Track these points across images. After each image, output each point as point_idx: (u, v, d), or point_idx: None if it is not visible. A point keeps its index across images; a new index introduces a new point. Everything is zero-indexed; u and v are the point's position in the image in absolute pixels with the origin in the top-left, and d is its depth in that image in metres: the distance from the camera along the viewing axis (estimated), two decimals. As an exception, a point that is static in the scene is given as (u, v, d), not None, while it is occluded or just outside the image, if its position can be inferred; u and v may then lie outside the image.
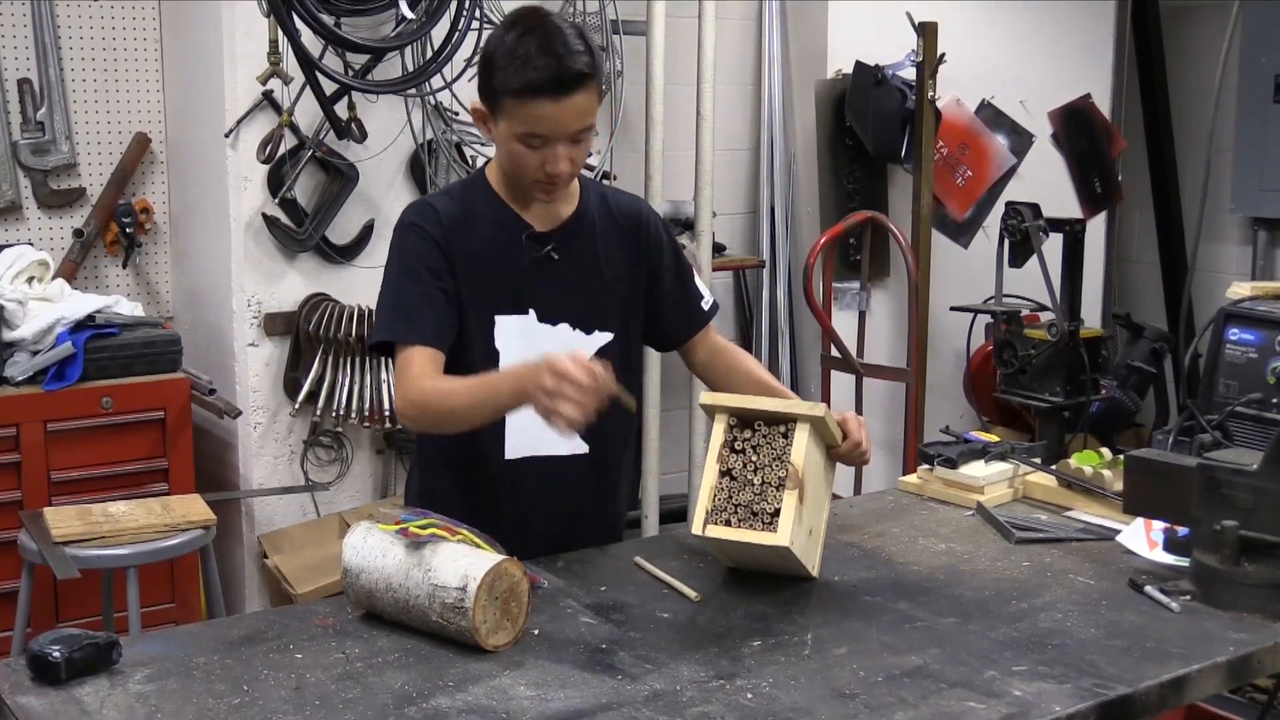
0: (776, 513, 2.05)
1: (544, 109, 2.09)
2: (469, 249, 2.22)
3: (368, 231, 4.09)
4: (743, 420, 2.13)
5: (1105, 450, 2.71)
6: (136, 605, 3.24)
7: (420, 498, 2.34)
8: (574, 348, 2.27)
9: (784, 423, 2.11)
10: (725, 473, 2.10)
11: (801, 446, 2.07)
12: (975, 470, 2.62)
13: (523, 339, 2.25)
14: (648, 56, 4.21)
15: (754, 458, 2.10)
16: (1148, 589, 2.12)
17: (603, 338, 2.31)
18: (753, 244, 5.04)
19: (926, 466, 2.69)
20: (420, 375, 2.17)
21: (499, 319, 2.24)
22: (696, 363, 2.48)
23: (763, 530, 2.05)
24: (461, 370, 2.24)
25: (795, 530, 2.04)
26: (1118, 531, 2.41)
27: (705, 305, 2.45)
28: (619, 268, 2.33)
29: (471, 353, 2.24)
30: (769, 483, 2.07)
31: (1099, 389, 4.26)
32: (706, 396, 2.17)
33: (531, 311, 2.26)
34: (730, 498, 2.09)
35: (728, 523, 2.08)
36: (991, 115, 5.05)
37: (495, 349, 2.25)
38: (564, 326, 2.28)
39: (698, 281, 2.46)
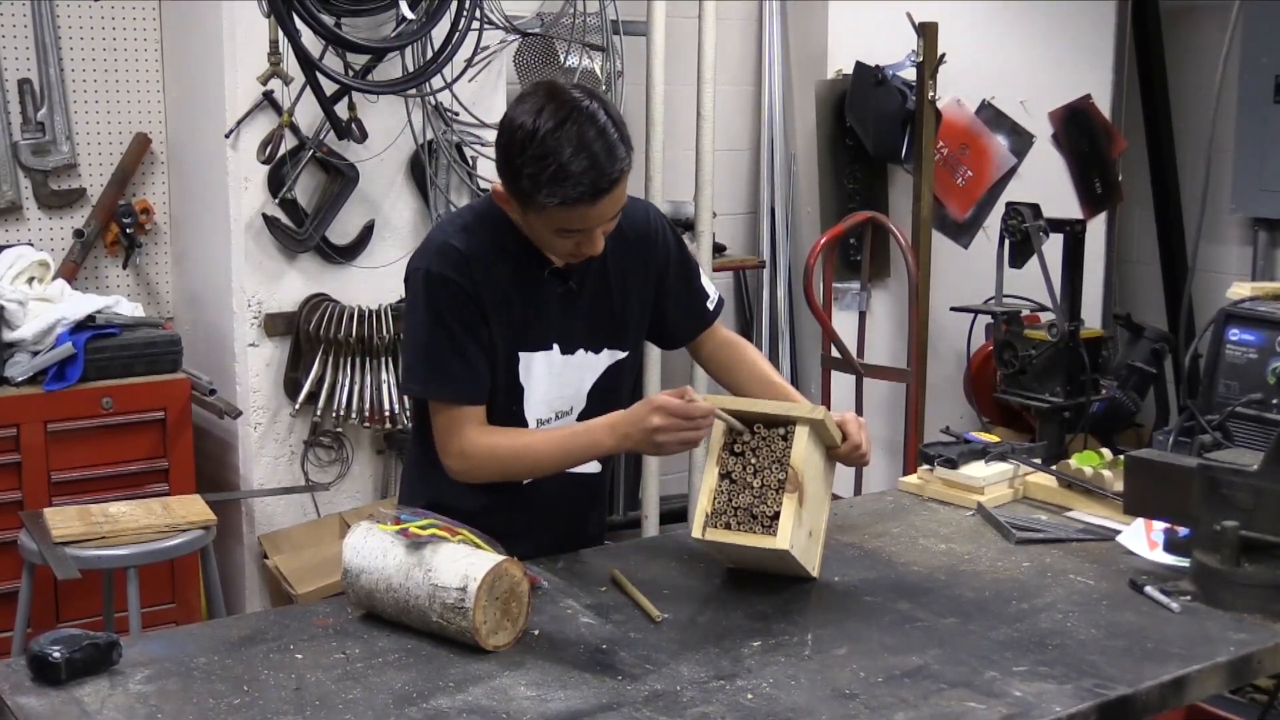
0: (776, 516, 2.05)
1: (583, 212, 2.03)
2: (494, 287, 2.18)
3: (368, 232, 4.09)
4: (742, 422, 2.12)
5: (1105, 451, 2.71)
6: (137, 605, 3.24)
7: (421, 499, 2.32)
8: (585, 370, 2.28)
9: (783, 425, 2.10)
10: (725, 475, 2.10)
11: (801, 449, 2.07)
12: (975, 471, 2.62)
13: (546, 373, 2.25)
14: (648, 56, 4.21)
15: (753, 460, 2.09)
16: (1148, 589, 2.12)
17: (613, 356, 2.31)
18: (753, 244, 5.04)
19: (927, 467, 2.69)
20: (475, 433, 2.18)
21: (524, 355, 2.22)
22: (701, 356, 2.48)
23: (762, 534, 2.05)
24: (488, 406, 2.22)
25: (795, 533, 2.04)
26: (1118, 532, 2.41)
27: (710, 304, 2.44)
28: (631, 285, 2.31)
29: (497, 388, 2.22)
30: (768, 485, 2.07)
31: (1099, 389, 4.27)
32: (708, 400, 2.16)
33: (555, 346, 2.25)
34: (730, 501, 2.09)
35: (727, 526, 2.08)
36: (992, 115, 5.05)
37: (520, 385, 2.23)
38: (579, 352, 2.28)
39: (703, 280, 2.46)
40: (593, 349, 2.29)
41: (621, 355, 2.32)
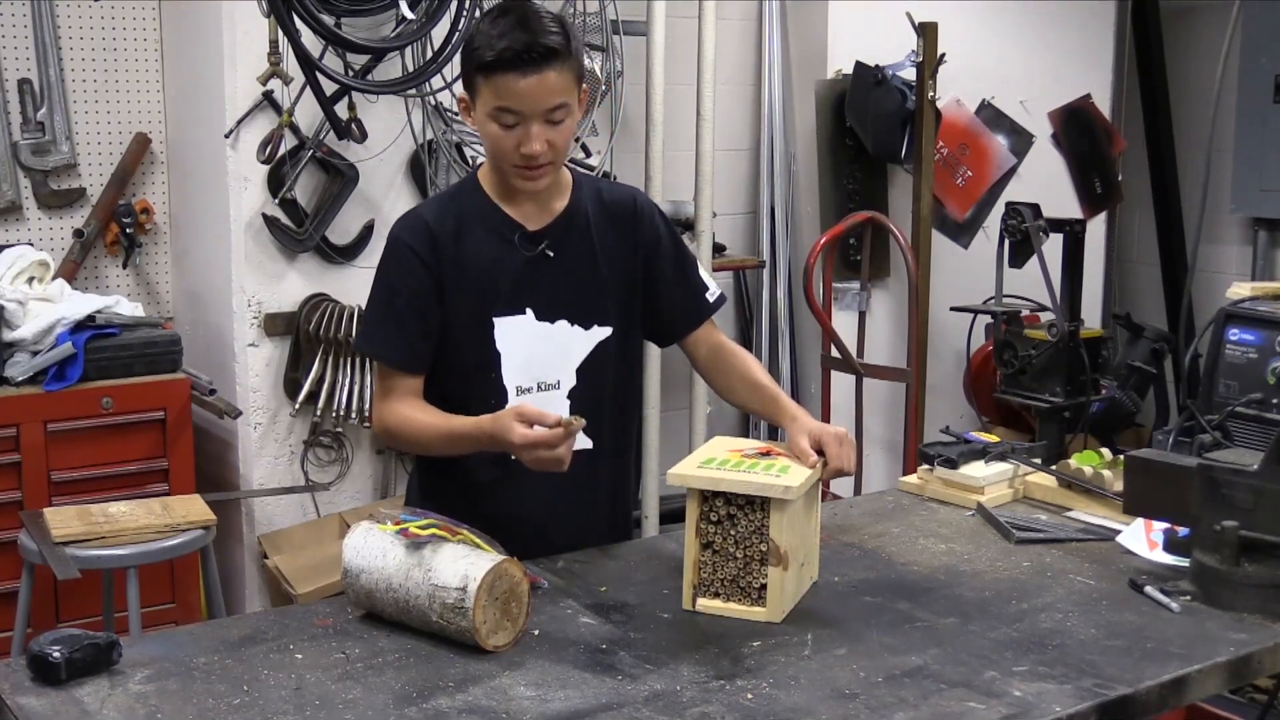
0: (763, 587, 2.02)
1: (514, 82, 2.11)
2: (462, 255, 2.23)
3: (368, 232, 4.09)
4: (716, 496, 2.04)
5: (1105, 450, 2.71)
6: (136, 605, 3.24)
7: (423, 500, 2.34)
8: (572, 345, 2.29)
9: (758, 500, 2.01)
10: (706, 545, 2.05)
11: (780, 524, 2.00)
12: (975, 470, 2.62)
13: (522, 339, 2.25)
14: (648, 56, 4.21)
15: (733, 531, 2.03)
16: (1148, 589, 2.12)
17: (601, 333, 2.31)
18: (753, 244, 5.04)
19: (927, 467, 2.69)
20: (396, 402, 2.26)
21: (497, 320, 2.25)
22: (698, 359, 2.46)
23: (752, 605, 2.03)
24: (464, 374, 2.26)
25: (784, 598, 2.02)
26: (1118, 532, 2.41)
27: (711, 297, 2.43)
28: (615, 260, 2.32)
29: (473, 356, 2.25)
30: (752, 557, 2.02)
31: (1099, 389, 4.26)
32: (673, 478, 2.07)
33: (529, 311, 2.26)
34: (715, 572, 2.05)
35: (716, 594, 2.05)
36: (991, 115, 5.05)
37: (496, 351, 2.25)
38: (562, 323, 2.28)
39: (702, 272, 2.44)
40: (580, 323, 2.29)
41: (607, 332, 2.31)
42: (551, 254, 2.27)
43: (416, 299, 2.23)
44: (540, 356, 2.27)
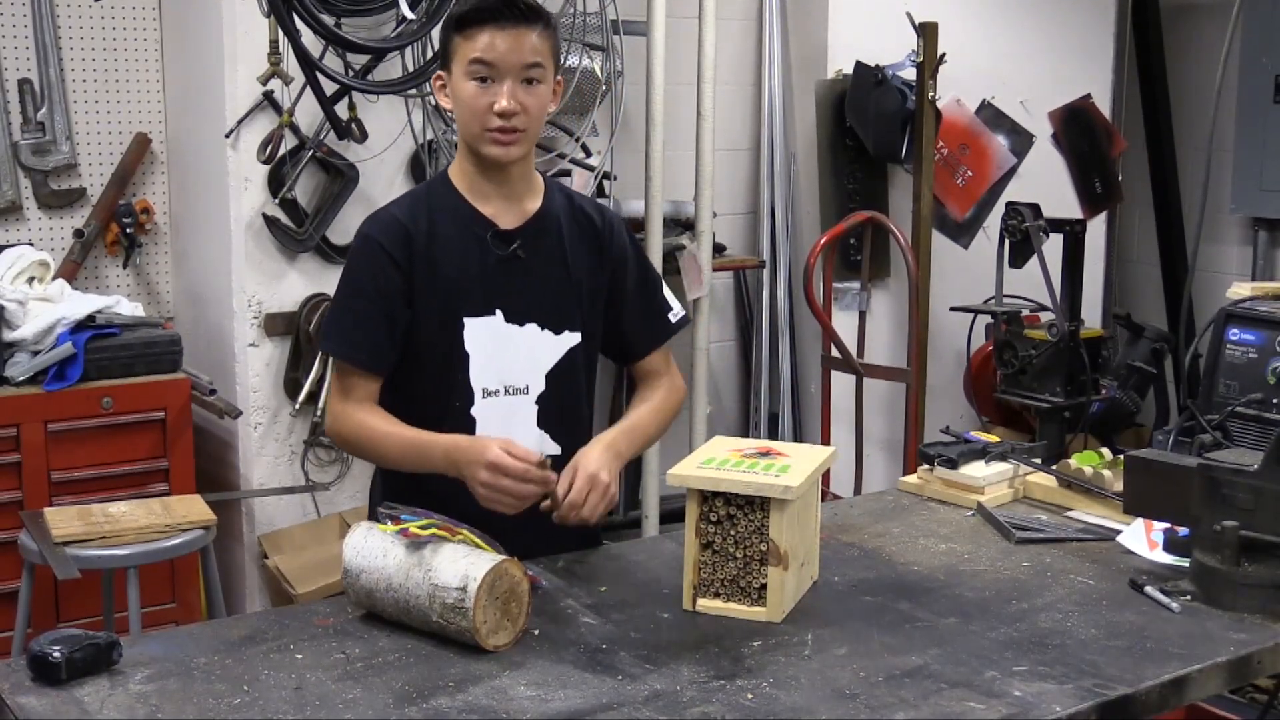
0: (763, 587, 2.02)
1: (490, 36, 2.14)
2: (433, 253, 2.21)
3: (368, 232, 4.09)
4: (715, 496, 2.04)
5: (1105, 450, 2.71)
6: (137, 605, 3.24)
7: (385, 500, 2.31)
8: (542, 350, 2.27)
9: (758, 501, 2.02)
10: (706, 545, 2.05)
11: (780, 525, 2.00)
12: (975, 470, 2.62)
13: (491, 340, 2.24)
14: (648, 56, 4.21)
15: (733, 531, 2.04)
16: (1148, 589, 2.12)
17: (571, 339, 2.30)
18: (753, 244, 5.04)
19: (927, 467, 2.69)
20: (354, 406, 2.22)
21: (467, 321, 2.23)
22: (636, 382, 2.44)
23: (752, 605, 2.03)
24: (431, 374, 2.23)
25: (784, 597, 2.02)
26: (1118, 532, 2.41)
27: (673, 318, 2.42)
28: (583, 268, 2.31)
29: (441, 356, 2.23)
30: (752, 557, 2.02)
31: (1099, 389, 4.26)
32: (673, 478, 2.07)
33: (499, 312, 2.24)
34: (715, 572, 2.05)
35: (716, 594, 2.05)
36: (992, 115, 5.05)
37: (465, 351, 2.23)
38: (532, 327, 2.26)
39: (666, 293, 2.43)
40: (551, 327, 2.27)
41: (576, 339, 2.30)
42: (523, 255, 2.25)
43: (385, 299, 2.20)
44: (509, 360, 2.25)
